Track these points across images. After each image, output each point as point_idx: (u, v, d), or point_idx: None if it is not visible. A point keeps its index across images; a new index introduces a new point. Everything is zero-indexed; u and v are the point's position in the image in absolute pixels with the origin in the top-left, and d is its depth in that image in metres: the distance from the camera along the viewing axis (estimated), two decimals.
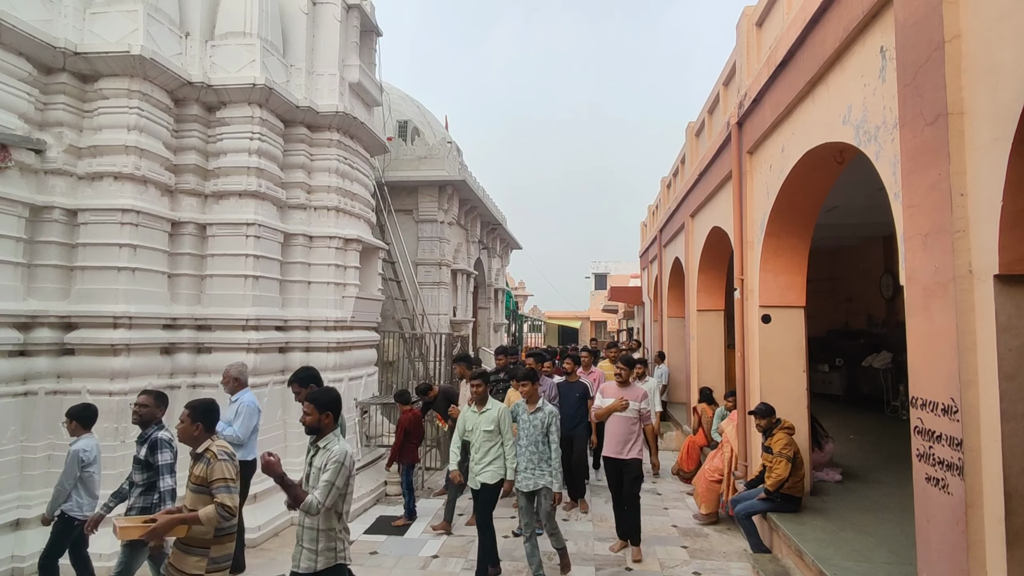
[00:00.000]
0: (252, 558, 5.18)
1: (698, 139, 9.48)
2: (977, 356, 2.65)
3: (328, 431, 3.13)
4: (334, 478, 2.95)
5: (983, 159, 2.59)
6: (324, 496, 2.93)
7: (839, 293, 12.83)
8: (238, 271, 6.02)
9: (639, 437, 5.30)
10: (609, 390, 5.47)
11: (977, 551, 2.64)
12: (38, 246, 5.15)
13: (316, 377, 4.67)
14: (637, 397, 5.31)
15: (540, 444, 4.69)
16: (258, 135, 6.20)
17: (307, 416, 3.09)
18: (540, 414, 4.75)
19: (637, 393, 5.35)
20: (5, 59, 4.83)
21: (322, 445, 3.09)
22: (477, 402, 4.86)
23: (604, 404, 5.37)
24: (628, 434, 5.24)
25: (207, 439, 3.15)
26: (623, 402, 5.26)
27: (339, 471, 2.97)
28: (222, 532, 3.05)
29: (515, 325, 27.75)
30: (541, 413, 4.76)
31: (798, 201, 5.37)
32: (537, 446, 4.68)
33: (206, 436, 3.16)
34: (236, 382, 4.88)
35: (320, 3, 7.13)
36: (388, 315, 10.22)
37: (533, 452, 4.69)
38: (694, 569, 4.97)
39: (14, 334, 4.86)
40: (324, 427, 3.12)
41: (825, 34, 4.16)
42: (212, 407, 3.28)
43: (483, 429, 4.71)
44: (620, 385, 5.42)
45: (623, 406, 5.25)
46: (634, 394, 5.33)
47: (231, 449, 3.21)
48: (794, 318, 5.66)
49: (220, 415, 3.41)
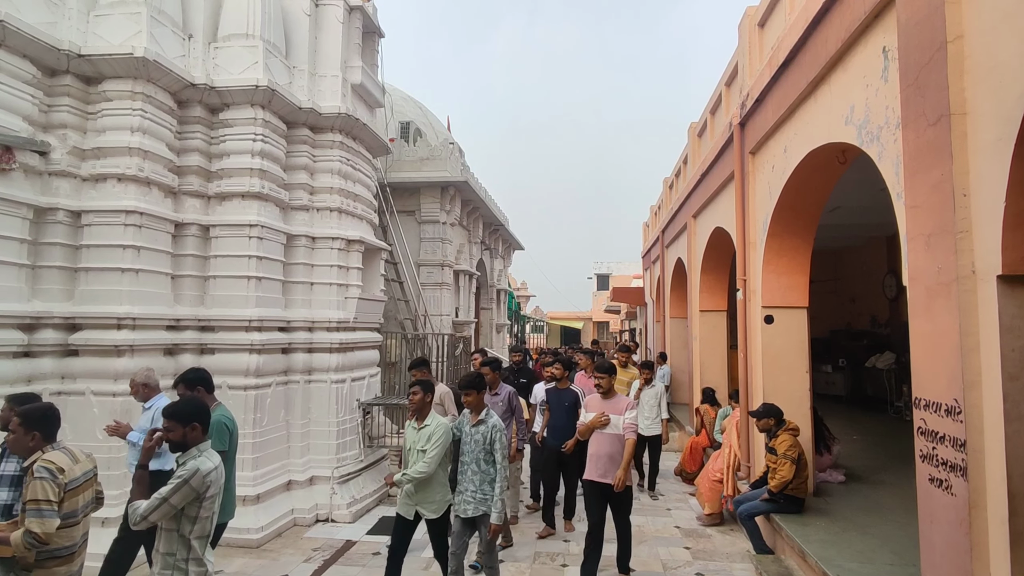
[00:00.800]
0: (254, 559, 5.19)
1: (700, 140, 9.47)
2: (980, 357, 2.64)
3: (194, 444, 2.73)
4: (169, 494, 2.56)
5: (986, 159, 2.59)
6: (148, 509, 2.56)
7: (842, 293, 12.81)
8: (241, 272, 6.04)
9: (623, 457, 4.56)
10: (592, 403, 4.75)
11: (981, 552, 2.63)
12: (42, 247, 5.17)
13: (205, 379, 3.96)
14: (621, 410, 4.56)
15: (482, 463, 3.99)
16: (261, 137, 6.22)
17: (169, 432, 2.70)
18: (482, 427, 4.03)
19: (621, 405, 4.60)
20: (10, 61, 4.85)
21: (181, 462, 2.70)
22: (416, 415, 4.11)
23: (586, 420, 4.67)
24: (613, 454, 4.50)
25: (39, 451, 2.77)
26: (604, 417, 4.52)
27: (179, 488, 2.57)
28: (46, 555, 2.69)
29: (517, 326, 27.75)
30: (483, 426, 4.04)
31: (801, 201, 5.37)
32: (479, 464, 3.99)
33: (42, 447, 2.79)
34: (145, 388, 4.37)
35: (322, 5, 7.15)
36: (391, 316, 10.23)
37: (475, 472, 3.99)
38: (697, 570, 4.96)
39: (19, 335, 4.88)
40: (191, 441, 2.73)
41: (827, 34, 4.16)
42: (50, 414, 2.89)
43: (419, 449, 3.98)
44: (603, 397, 4.69)
45: (604, 422, 4.52)
46: (618, 407, 4.59)
47: (60, 463, 2.76)
48: (797, 319, 5.66)
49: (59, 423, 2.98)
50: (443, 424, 4.05)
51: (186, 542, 2.64)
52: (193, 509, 2.64)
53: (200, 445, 2.76)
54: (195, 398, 3.06)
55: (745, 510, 5.14)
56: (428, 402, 4.11)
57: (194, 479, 2.61)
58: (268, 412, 6.12)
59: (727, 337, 9.27)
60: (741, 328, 6.26)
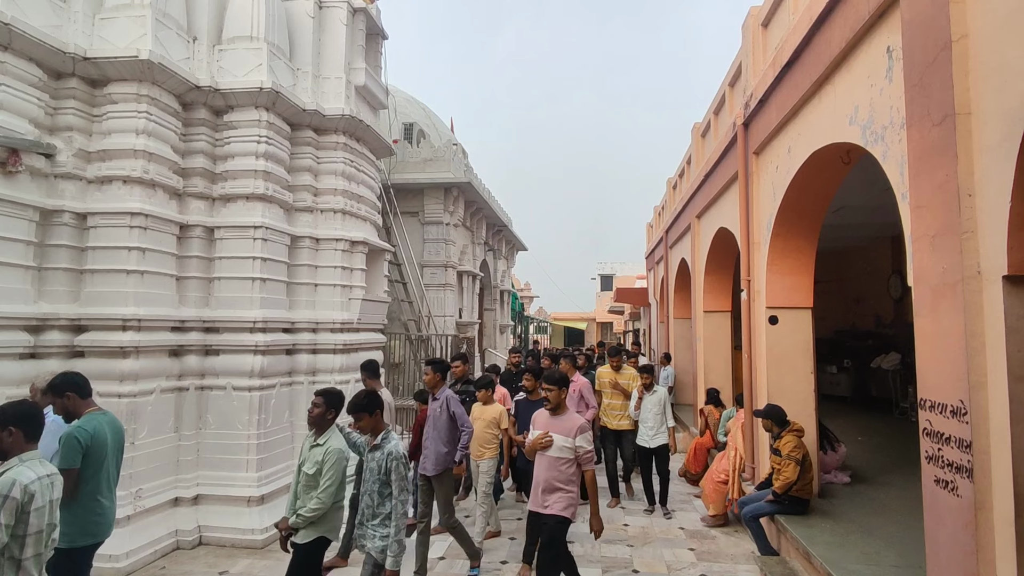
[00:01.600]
0: (259, 559, 5.21)
1: (704, 140, 9.46)
2: (986, 358, 2.63)
3: (15, 453, 2.48)
4: None
5: (991, 159, 2.58)
6: None
7: (847, 294, 12.76)
8: (246, 274, 6.06)
9: (571, 486, 3.88)
10: (539, 419, 4.05)
11: (987, 554, 2.62)
12: (48, 249, 5.20)
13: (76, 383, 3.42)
14: (569, 431, 3.84)
15: (376, 495, 3.39)
16: (265, 139, 6.24)
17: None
18: (378, 454, 3.43)
19: (569, 426, 3.87)
20: (16, 64, 4.88)
21: None
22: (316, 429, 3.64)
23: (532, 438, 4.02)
24: (552, 480, 3.85)
25: None
26: (546, 438, 3.88)
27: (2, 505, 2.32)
28: None
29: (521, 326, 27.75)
30: (379, 452, 3.43)
31: (805, 202, 5.35)
32: (372, 497, 3.40)
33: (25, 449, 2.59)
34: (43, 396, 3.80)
35: (326, 7, 7.17)
36: (394, 317, 10.25)
37: (368, 504, 3.43)
38: (701, 571, 4.95)
39: (25, 337, 4.90)
40: (7, 448, 2.48)
41: (831, 34, 4.15)
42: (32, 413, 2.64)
43: (305, 471, 3.54)
44: (551, 413, 3.98)
45: (545, 444, 3.87)
46: (565, 426, 3.87)
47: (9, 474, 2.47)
48: (801, 319, 5.64)
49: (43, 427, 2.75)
50: (335, 451, 3.52)
51: (16, 564, 2.39)
52: (20, 527, 2.39)
53: (23, 454, 2.52)
54: (23, 402, 2.76)
55: (750, 511, 5.12)
56: (329, 419, 3.63)
57: (15, 491, 2.37)
58: (272, 413, 6.13)
59: (731, 338, 9.25)
60: (745, 329, 6.24)
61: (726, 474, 6.06)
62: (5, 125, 4.75)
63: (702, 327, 9.51)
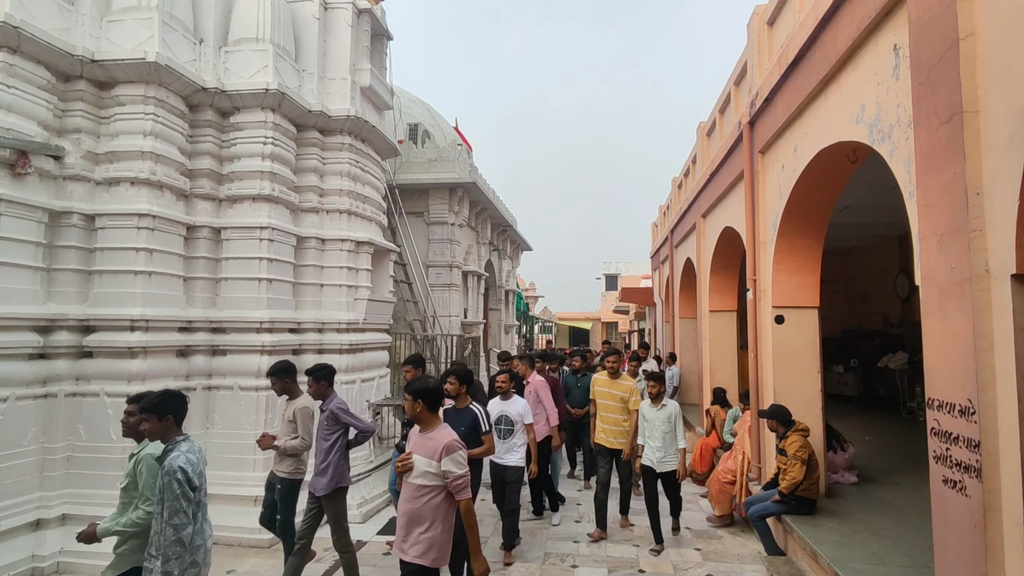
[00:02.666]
0: (265, 559, 5.23)
1: (709, 139, 9.44)
2: (994, 357, 2.61)
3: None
4: None
5: (999, 157, 2.56)
6: None
7: (854, 293, 12.70)
8: (252, 274, 6.09)
9: (437, 525, 2.96)
10: (412, 437, 3.21)
11: (995, 554, 2.60)
12: (57, 250, 5.24)
13: None
14: (433, 453, 2.97)
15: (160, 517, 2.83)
16: (271, 140, 6.27)
17: None
18: None
19: (435, 445, 2.99)
20: (25, 67, 4.92)
21: None
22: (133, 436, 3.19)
23: None
24: (411, 514, 2.97)
25: None
26: (405, 462, 3.03)
27: None
28: None
29: (526, 326, 27.76)
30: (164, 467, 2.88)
31: (811, 201, 5.33)
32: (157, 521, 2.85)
33: None
34: None
35: (332, 8, 7.20)
36: (399, 317, 10.27)
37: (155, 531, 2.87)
38: (708, 571, 4.94)
39: (34, 337, 4.95)
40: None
41: (837, 32, 4.13)
42: None
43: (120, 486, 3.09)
44: (420, 429, 3.14)
45: (405, 468, 3.02)
46: (430, 447, 3.00)
47: None
48: (808, 318, 5.62)
49: None
50: (145, 458, 3.00)
51: None
52: None
53: None
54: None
55: (756, 511, 5.11)
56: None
57: None
58: (278, 413, 6.15)
59: (737, 337, 9.23)
60: (751, 328, 6.22)
61: (732, 474, 6.04)
62: (15, 128, 4.80)
63: (708, 327, 9.49)
